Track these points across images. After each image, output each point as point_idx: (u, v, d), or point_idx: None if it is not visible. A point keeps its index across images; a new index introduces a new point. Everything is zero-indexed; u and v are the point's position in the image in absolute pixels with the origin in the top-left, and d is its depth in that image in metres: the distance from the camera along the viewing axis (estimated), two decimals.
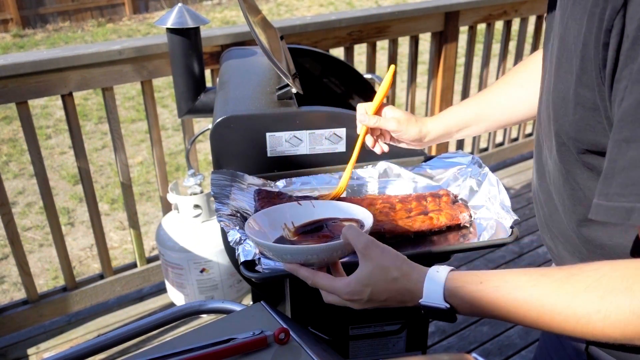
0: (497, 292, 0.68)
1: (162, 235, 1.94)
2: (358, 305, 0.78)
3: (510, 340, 2.11)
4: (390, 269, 0.74)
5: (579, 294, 0.62)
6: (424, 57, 5.42)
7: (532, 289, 0.66)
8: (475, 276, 0.71)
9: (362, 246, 0.76)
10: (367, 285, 0.75)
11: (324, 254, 0.81)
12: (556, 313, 0.64)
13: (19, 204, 3.66)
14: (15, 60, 1.77)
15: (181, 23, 1.55)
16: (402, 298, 0.75)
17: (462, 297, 0.70)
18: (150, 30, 8.36)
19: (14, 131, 4.77)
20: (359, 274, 0.76)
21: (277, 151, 1.21)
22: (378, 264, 0.75)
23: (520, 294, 0.66)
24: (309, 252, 0.81)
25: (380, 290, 0.75)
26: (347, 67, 1.71)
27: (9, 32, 8.15)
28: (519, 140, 3.39)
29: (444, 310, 0.71)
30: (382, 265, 0.75)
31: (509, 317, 0.68)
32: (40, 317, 2.14)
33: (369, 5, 9.73)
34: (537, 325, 0.66)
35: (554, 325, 0.65)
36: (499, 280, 0.69)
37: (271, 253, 0.84)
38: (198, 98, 1.64)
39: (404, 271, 0.74)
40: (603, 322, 0.60)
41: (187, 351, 0.78)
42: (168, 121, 4.94)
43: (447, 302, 0.71)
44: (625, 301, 0.59)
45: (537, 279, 0.67)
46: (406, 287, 0.74)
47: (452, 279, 0.72)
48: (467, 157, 1.22)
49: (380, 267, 0.75)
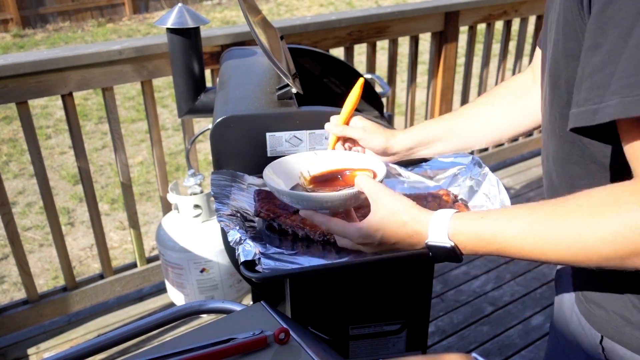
0: (496, 223, 0.71)
1: (162, 235, 1.94)
2: (370, 249, 0.83)
3: (510, 340, 2.11)
4: (400, 212, 0.78)
5: (571, 214, 0.65)
6: (424, 57, 5.42)
7: (528, 217, 0.69)
8: (477, 214, 0.75)
9: (374, 193, 0.81)
10: (378, 229, 0.79)
11: (338, 201, 0.86)
12: (551, 236, 0.66)
13: (19, 204, 3.66)
14: (15, 60, 1.77)
15: (181, 23, 1.55)
16: (410, 240, 0.79)
17: (465, 233, 0.74)
18: (150, 30, 8.36)
19: (14, 131, 4.77)
20: (370, 218, 0.80)
21: (277, 151, 1.21)
22: (389, 209, 0.79)
23: (517, 223, 0.69)
24: (324, 199, 0.86)
25: (390, 233, 0.79)
26: (347, 67, 1.71)
27: (9, 32, 8.15)
28: (519, 140, 3.38)
29: (448, 249, 0.75)
30: (393, 209, 0.79)
31: (508, 248, 0.71)
32: (40, 317, 2.14)
33: (369, 5, 9.73)
34: (535, 255, 0.69)
35: (549, 250, 0.67)
36: (498, 213, 0.73)
37: (288, 199, 0.89)
38: (198, 98, 1.64)
39: (413, 214, 0.78)
40: (593, 237, 0.62)
41: (187, 351, 0.78)
42: (168, 121, 4.94)
43: (450, 240, 0.75)
44: (612, 213, 0.61)
45: (533, 207, 0.70)
46: (414, 228, 0.78)
47: (456, 217, 0.75)
48: (467, 158, 1.22)
49: (390, 211, 0.79)
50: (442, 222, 0.76)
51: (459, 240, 0.75)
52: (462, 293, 2.35)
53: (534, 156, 3.50)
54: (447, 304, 2.29)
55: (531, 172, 3.33)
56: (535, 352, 2.06)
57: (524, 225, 0.69)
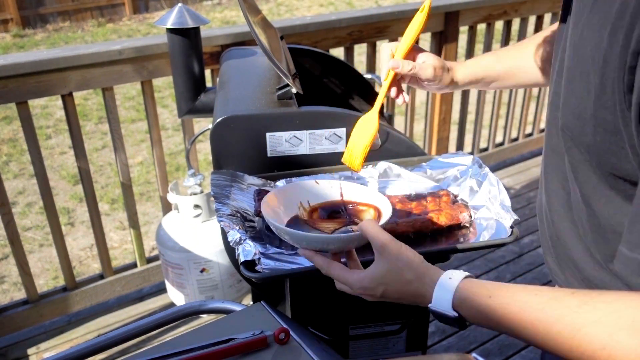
0: (505, 309, 0.67)
1: (162, 235, 1.94)
2: (370, 299, 0.79)
3: (510, 340, 2.11)
4: (405, 270, 0.74)
5: (587, 326, 0.60)
6: None
7: (541, 313, 0.64)
8: (485, 289, 0.70)
9: (379, 244, 0.76)
10: (380, 283, 0.75)
11: (341, 244, 0.82)
12: (562, 340, 0.62)
13: (19, 204, 3.66)
14: (15, 60, 1.77)
15: (181, 23, 1.55)
16: (414, 300, 0.75)
17: (470, 309, 0.70)
18: (150, 30, 8.36)
19: (14, 131, 4.77)
20: (373, 271, 0.76)
21: (277, 151, 1.21)
22: (393, 265, 0.75)
23: (528, 316, 0.65)
24: (327, 241, 0.82)
25: (393, 290, 0.75)
26: (347, 67, 1.71)
27: (9, 32, 8.14)
28: (519, 140, 3.39)
29: (452, 318, 0.71)
30: (397, 266, 0.74)
31: (515, 334, 0.67)
32: (40, 317, 2.14)
33: (369, 5, 9.73)
34: (542, 348, 0.65)
35: (559, 351, 0.63)
36: (508, 297, 0.68)
37: (288, 237, 0.84)
38: (198, 98, 1.64)
39: (419, 274, 0.74)
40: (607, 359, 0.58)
41: (187, 351, 0.78)
42: (168, 121, 4.94)
43: (455, 311, 0.70)
44: (633, 343, 0.56)
45: (547, 302, 0.64)
46: (418, 290, 0.74)
47: (463, 288, 0.71)
48: (467, 158, 1.22)
49: (395, 268, 0.74)
50: (447, 290, 0.71)
51: (464, 313, 0.71)
52: None
53: (534, 156, 3.50)
54: None
55: (531, 172, 3.33)
56: (535, 352, 2.05)
57: (534, 321, 0.64)
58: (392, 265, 0.75)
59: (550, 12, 3.10)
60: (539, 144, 3.51)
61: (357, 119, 1.24)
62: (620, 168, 0.62)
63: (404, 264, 0.74)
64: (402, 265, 0.74)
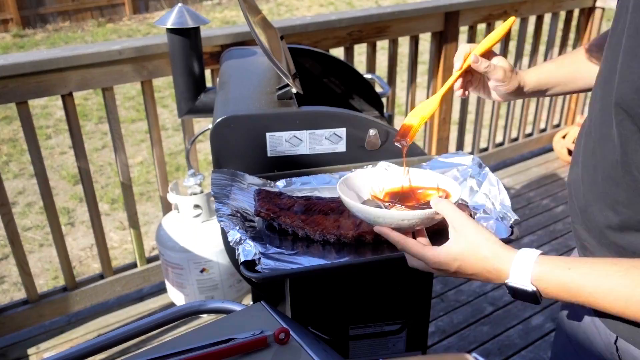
0: (585, 278, 0.70)
1: (162, 235, 1.94)
2: (443, 274, 0.82)
3: (510, 340, 2.11)
4: (482, 246, 0.77)
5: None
6: (424, 57, 5.42)
7: (621, 279, 0.67)
8: (563, 261, 0.73)
9: (456, 221, 0.79)
10: (456, 259, 0.78)
11: (415, 220, 0.85)
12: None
13: (19, 204, 3.66)
14: (15, 60, 1.77)
15: (181, 23, 1.55)
16: (488, 275, 0.78)
17: (549, 281, 0.72)
18: (150, 30, 8.36)
19: (14, 131, 4.77)
20: (450, 247, 0.79)
21: (277, 151, 1.21)
22: (471, 241, 0.77)
23: (608, 283, 0.68)
24: (401, 217, 0.85)
25: (468, 265, 0.78)
26: (347, 67, 1.71)
27: (9, 32, 8.15)
28: (519, 140, 3.39)
29: (529, 292, 0.73)
30: (475, 242, 0.77)
31: (595, 304, 0.70)
32: (40, 317, 2.14)
33: (369, 5, 9.73)
34: (622, 314, 0.68)
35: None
36: (587, 267, 0.71)
37: (363, 215, 0.88)
38: (198, 98, 1.64)
39: (495, 251, 0.76)
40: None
41: (187, 351, 0.78)
42: (168, 121, 4.94)
43: (533, 285, 0.73)
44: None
45: (627, 269, 0.68)
46: (495, 266, 0.76)
47: (541, 262, 0.73)
48: (467, 158, 1.22)
49: (472, 243, 0.77)
50: (525, 264, 0.74)
51: (542, 287, 0.73)
52: (462, 293, 2.35)
53: (534, 156, 3.50)
54: (447, 304, 2.29)
55: (531, 172, 3.33)
56: (535, 352, 2.06)
57: (615, 287, 0.68)
58: (469, 242, 0.77)
59: (550, 12, 3.10)
60: (539, 144, 3.51)
61: (357, 119, 1.24)
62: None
63: (481, 240, 0.77)
64: (480, 242, 0.77)
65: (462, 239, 0.78)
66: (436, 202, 0.84)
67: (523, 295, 0.74)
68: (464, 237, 0.78)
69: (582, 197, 0.85)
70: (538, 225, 2.80)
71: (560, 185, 3.17)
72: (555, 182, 3.23)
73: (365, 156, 1.25)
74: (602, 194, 0.79)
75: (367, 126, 1.22)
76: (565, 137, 3.38)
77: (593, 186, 0.81)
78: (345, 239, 1.00)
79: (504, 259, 0.76)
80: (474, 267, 0.78)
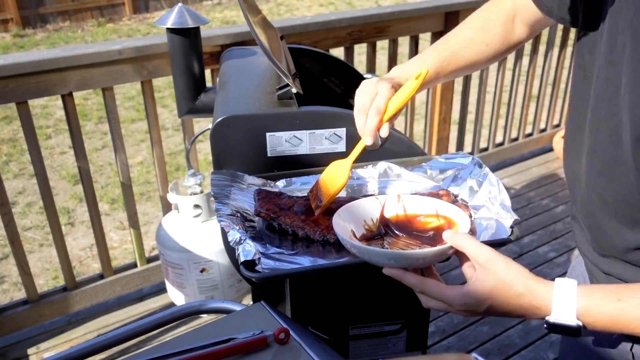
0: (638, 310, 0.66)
1: (162, 235, 1.94)
2: (469, 315, 0.76)
3: (510, 340, 2.11)
4: (515, 283, 0.71)
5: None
6: None
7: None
8: (609, 292, 0.68)
9: (482, 257, 0.72)
10: (486, 299, 0.72)
11: (431, 258, 0.77)
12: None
13: (19, 204, 3.66)
14: (15, 60, 1.77)
15: (181, 23, 1.55)
16: (523, 313, 0.72)
17: (597, 315, 0.68)
18: (150, 30, 8.36)
19: (14, 131, 4.77)
20: (477, 286, 0.72)
21: (277, 151, 1.21)
22: (501, 278, 0.71)
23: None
24: (416, 256, 0.77)
25: (501, 304, 0.72)
26: (347, 67, 1.71)
27: (9, 32, 8.14)
28: (519, 140, 3.39)
29: (573, 328, 0.68)
30: (507, 279, 0.71)
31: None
32: (40, 317, 2.14)
33: (369, 5, 9.73)
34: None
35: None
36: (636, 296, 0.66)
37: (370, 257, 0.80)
38: (198, 98, 1.64)
39: (530, 286, 0.71)
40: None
41: (187, 351, 0.78)
42: (168, 121, 4.94)
43: (579, 320, 0.68)
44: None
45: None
46: (532, 302, 0.70)
47: (584, 294, 0.68)
48: (467, 158, 1.22)
49: (503, 280, 0.71)
50: (567, 299, 0.68)
51: (588, 321, 0.68)
52: None
53: (534, 156, 3.50)
54: None
55: (531, 172, 3.33)
56: (535, 352, 2.06)
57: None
58: (500, 279, 0.71)
59: None
60: (539, 144, 3.51)
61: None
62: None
63: (514, 277, 0.71)
64: (512, 279, 0.71)
65: (490, 276, 0.72)
66: (451, 236, 0.76)
67: (564, 330, 0.69)
68: (492, 274, 0.72)
69: (591, 216, 0.82)
70: (538, 225, 2.80)
71: (561, 185, 3.17)
72: (555, 182, 3.23)
73: (365, 156, 1.25)
74: (614, 213, 0.76)
75: None
76: None
77: (605, 206, 0.78)
78: None
79: (541, 294, 0.70)
80: (507, 306, 0.72)
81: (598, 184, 0.78)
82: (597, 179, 0.78)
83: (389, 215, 0.93)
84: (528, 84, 3.22)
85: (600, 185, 0.78)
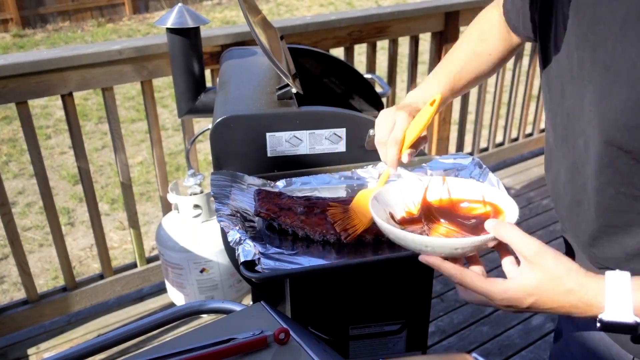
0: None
1: (162, 235, 1.94)
2: (511, 311, 0.72)
3: (510, 340, 2.11)
4: (565, 278, 0.67)
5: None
6: (424, 57, 5.41)
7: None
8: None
9: (529, 249, 0.68)
10: (531, 294, 0.68)
11: (470, 248, 0.73)
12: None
13: (19, 204, 3.66)
14: (15, 60, 1.77)
15: (181, 23, 1.55)
16: (574, 310, 0.68)
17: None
18: (150, 30, 8.36)
19: (14, 131, 4.77)
20: (523, 280, 0.68)
21: (277, 151, 1.21)
22: (551, 273, 0.67)
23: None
24: (456, 246, 0.72)
25: (547, 300, 0.68)
26: (347, 67, 1.71)
27: (9, 32, 8.14)
28: (519, 140, 3.38)
29: (630, 325, 0.64)
30: (556, 274, 0.67)
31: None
32: (40, 317, 2.14)
33: (369, 5, 9.73)
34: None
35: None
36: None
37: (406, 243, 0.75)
38: (198, 98, 1.64)
39: (582, 282, 0.67)
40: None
41: (187, 351, 0.78)
42: (168, 121, 4.94)
43: (636, 316, 0.64)
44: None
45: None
46: (583, 299, 0.67)
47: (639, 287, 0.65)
48: (468, 159, 1.23)
49: (553, 276, 0.67)
50: (622, 294, 0.64)
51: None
52: None
53: (534, 156, 3.50)
54: (447, 304, 2.28)
55: (531, 172, 3.33)
56: (535, 352, 2.06)
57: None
58: (549, 274, 0.67)
59: None
60: (539, 144, 3.50)
61: (357, 119, 1.24)
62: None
63: (564, 271, 0.67)
64: (562, 273, 0.67)
65: (537, 270, 0.67)
66: (495, 226, 0.71)
67: (619, 328, 0.65)
68: (540, 268, 0.67)
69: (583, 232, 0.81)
70: (538, 225, 2.80)
71: None
72: None
73: (365, 156, 1.25)
74: (604, 226, 0.76)
75: (367, 126, 1.22)
76: None
77: (592, 222, 0.78)
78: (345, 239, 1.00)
79: (593, 290, 0.66)
80: (554, 302, 0.68)
81: (583, 198, 0.77)
82: (581, 193, 0.78)
83: (432, 199, 0.87)
84: (528, 84, 3.22)
85: (585, 200, 0.77)
